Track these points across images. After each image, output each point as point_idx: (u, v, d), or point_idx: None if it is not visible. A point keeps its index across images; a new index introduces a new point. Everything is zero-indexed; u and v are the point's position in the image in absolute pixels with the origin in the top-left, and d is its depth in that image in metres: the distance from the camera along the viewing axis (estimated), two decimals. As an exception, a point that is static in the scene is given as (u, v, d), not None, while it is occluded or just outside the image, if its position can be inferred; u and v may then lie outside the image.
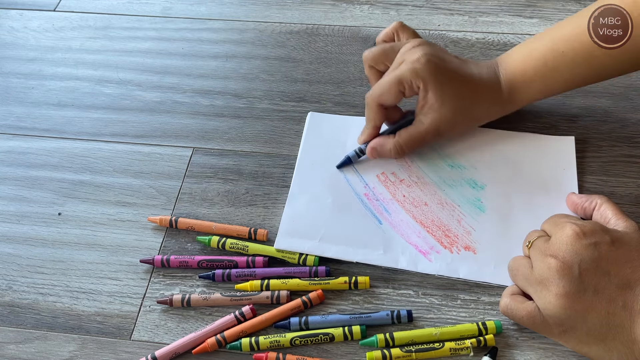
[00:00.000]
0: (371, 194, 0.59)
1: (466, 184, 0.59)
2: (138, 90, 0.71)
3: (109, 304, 0.54)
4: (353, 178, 0.60)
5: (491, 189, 0.59)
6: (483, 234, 0.56)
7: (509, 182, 0.59)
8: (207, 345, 0.51)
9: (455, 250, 0.55)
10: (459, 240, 0.56)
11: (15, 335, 0.53)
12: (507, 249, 0.54)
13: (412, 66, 0.56)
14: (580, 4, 0.76)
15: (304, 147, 0.63)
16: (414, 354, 0.49)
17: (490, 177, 0.60)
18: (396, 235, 0.56)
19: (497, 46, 0.72)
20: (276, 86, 0.70)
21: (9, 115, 0.69)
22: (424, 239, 0.56)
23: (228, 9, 0.79)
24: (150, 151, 0.65)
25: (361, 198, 0.59)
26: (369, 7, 0.78)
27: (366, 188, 0.59)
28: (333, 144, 0.63)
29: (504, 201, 0.58)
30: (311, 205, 0.58)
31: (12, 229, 0.59)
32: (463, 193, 0.59)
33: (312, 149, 0.63)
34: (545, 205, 0.57)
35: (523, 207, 0.57)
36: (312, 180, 0.60)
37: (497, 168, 0.60)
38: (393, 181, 0.60)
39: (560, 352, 0.50)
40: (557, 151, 0.61)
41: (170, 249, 0.57)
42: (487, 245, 0.55)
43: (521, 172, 0.60)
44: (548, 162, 0.60)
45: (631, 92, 0.67)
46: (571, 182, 0.59)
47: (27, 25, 0.79)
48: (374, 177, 0.60)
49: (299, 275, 0.54)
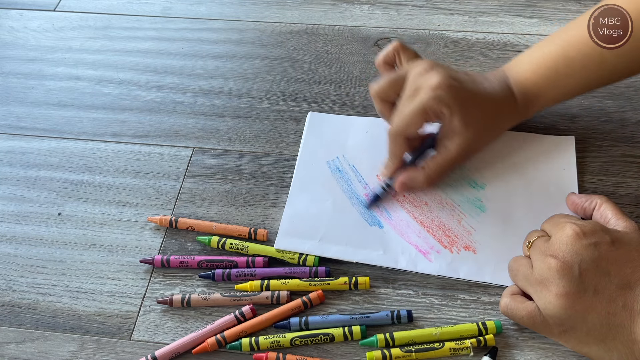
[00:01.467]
0: (371, 195, 0.59)
1: (466, 184, 0.59)
2: (138, 90, 0.71)
3: (109, 304, 0.54)
4: (353, 179, 0.60)
5: (491, 189, 0.59)
6: (483, 234, 0.56)
7: (509, 182, 0.59)
8: (207, 345, 0.51)
9: (455, 250, 0.55)
10: (459, 240, 0.56)
11: (15, 335, 0.53)
12: (507, 249, 0.54)
13: (434, 94, 0.53)
14: (580, 3, 0.76)
15: (304, 147, 0.63)
16: (414, 354, 0.49)
17: (490, 177, 0.60)
18: (396, 235, 0.56)
19: (497, 46, 0.72)
20: (276, 86, 0.70)
21: (9, 115, 0.69)
22: (424, 239, 0.56)
23: (228, 9, 0.79)
24: (150, 151, 0.65)
25: (361, 200, 0.59)
26: (369, 7, 0.78)
27: (366, 188, 0.59)
28: (333, 144, 0.63)
29: (504, 201, 0.58)
30: (311, 205, 0.58)
31: (12, 229, 0.59)
32: (463, 193, 0.59)
33: (312, 148, 0.63)
34: (545, 205, 0.57)
35: (523, 206, 0.57)
36: (312, 181, 0.60)
37: (497, 168, 0.60)
38: None
39: (560, 352, 0.50)
40: (557, 151, 0.61)
41: (170, 249, 0.57)
42: (487, 245, 0.55)
43: (521, 172, 0.60)
44: (548, 162, 0.60)
45: (631, 92, 0.67)
46: (571, 181, 0.59)
47: (27, 25, 0.79)
48: (374, 178, 0.60)
49: (299, 275, 0.54)
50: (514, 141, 0.62)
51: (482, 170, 0.60)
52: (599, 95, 0.67)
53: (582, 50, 0.56)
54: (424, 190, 0.59)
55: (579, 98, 0.66)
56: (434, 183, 0.58)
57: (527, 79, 0.58)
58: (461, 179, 0.60)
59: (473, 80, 0.57)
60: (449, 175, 0.59)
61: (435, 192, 0.59)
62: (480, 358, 0.49)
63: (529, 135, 0.62)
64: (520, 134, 0.62)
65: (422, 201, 0.58)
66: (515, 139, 0.62)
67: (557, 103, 0.61)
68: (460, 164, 0.59)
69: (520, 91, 0.58)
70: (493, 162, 0.61)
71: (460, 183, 0.59)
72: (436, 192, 0.59)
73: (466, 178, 0.60)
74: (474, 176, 0.60)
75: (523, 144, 0.62)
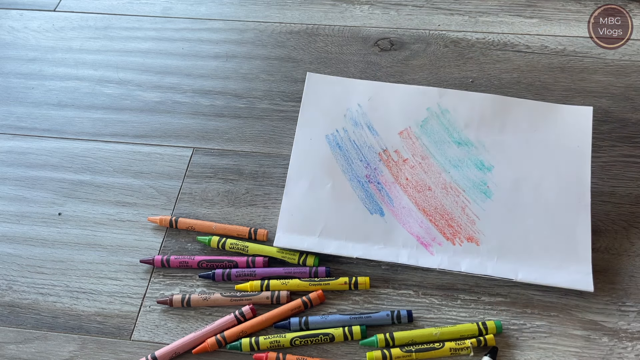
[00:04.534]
0: (372, 176, 0.57)
1: (473, 165, 0.57)
2: (138, 90, 0.71)
3: (109, 304, 0.54)
4: (353, 157, 0.58)
5: (499, 171, 0.56)
6: (487, 224, 0.55)
7: (518, 164, 0.56)
8: (207, 345, 0.51)
9: (458, 241, 0.54)
10: (462, 230, 0.55)
11: (15, 335, 0.53)
12: (511, 240, 0.53)
13: None
14: (580, 3, 0.76)
15: (302, 113, 0.60)
16: (414, 353, 0.49)
17: (498, 158, 0.57)
18: (398, 224, 0.55)
19: (497, 46, 0.72)
20: (276, 86, 0.70)
21: (9, 115, 0.69)
22: (426, 230, 0.55)
23: (228, 9, 0.79)
24: (150, 151, 0.65)
25: (362, 182, 0.57)
26: (369, 7, 0.78)
27: (367, 169, 0.57)
28: (333, 112, 0.60)
29: (511, 185, 0.56)
30: (310, 192, 0.57)
31: (12, 229, 0.59)
32: (469, 175, 0.57)
33: (311, 117, 0.60)
34: (554, 190, 0.55)
35: (531, 192, 0.55)
36: (311, 160, 0.58)
37: (506, 146, 0.57)
38: (396, 161, 0.58)
39: (560, 352, 0.50)
40: (572, 123, 0.57)
41: (170, 249, 0.57)
42: (491, 236, 0.54)
43: (531, 151, 0.57)
44: (562, 137, 0.57)
45: (631, 92, 0.67)
46: (584, 162, 0.56)
47: (27, 26, 0.79)
48: (376, 156, 0.58)
49: (299, 275, 0.54)
50: (528, 109, 0.58)
51: (491, 149, 0.57)
52: (599, 95, 0.67)
53: None
54: None
55: (579, 98, 0.66)
56: None
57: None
58: (467, 158, 0.57)
59: None
60: (453, 151, 0.55)
61: (439, 174, 0.57)
62: (480, 358, 0.49)
63: (545, 104, 0.59)
64: (536, 102, 0.59)
65: (426, 185, 0.56)
66: (530, 109, 0.58)
67: None
68: None
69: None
70: (503, 138, 0.57)
71: (466, 164, 0.57)
72: (440, 175, 0.57)
73: (473, 158, 0.57)
74: (481, 156, 0.57)
75: (537, 113, 0.58)
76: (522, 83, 0.68)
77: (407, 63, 0.71)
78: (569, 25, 0.74)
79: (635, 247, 0.55)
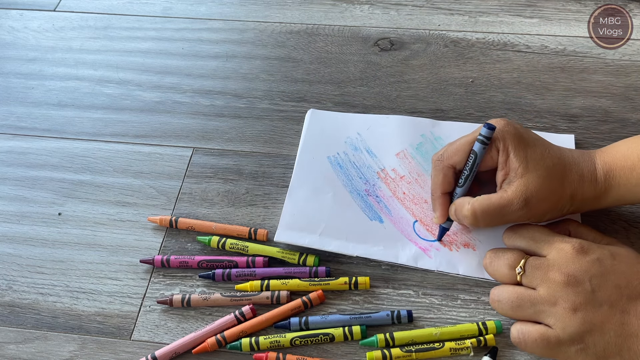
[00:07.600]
0: (371, 190, 0.59)
1: None
2: (138, 90, 0.71)
3: (109, 304, 0.54)
4: (353, 175, 0.60)
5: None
6: (482, 231, 0.56)
7: None
8: (207, 345, 0.51)
9: (455, 247, 0.55)
10: (458, 237, 0.56)
11: (15, 335, 0.53)
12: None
13: (500, 127, 0.51)
14: (581, 3, 0.76)
15: (304, 143, 0.63)
16: (414, 354, 0.49)
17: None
18: (397, 231, 0.56)
19: (497, 46, 0.72)
20: (276, 86, 0.70)
21: (9, 115, 0.69)
22: (424, 237, 0.56)
23: (228, 9, 0.79)
24: (150, 151, 0.65)
25: (361, 194, 0.59)
26: (369, 7, 0.78)
27: (367, 184, 0.60)
28: (334, 140, 0.63)
29: None
30: (312, 198, 0.58)
31: (12, 229, 0.59)
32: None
33: (312, 144, 0.63)
34: None
35: None
36: (313, 174, 0.60)
37: None
38: (393, 178, 0.60)
39: (560, 352, 0.49)
40: None
41: (170, 249, 0.57)
42: (486, 242, 0.55)
43: None
44: None
45: (631, 92, 0.67)
46: None
47: (27, 25, 0.79)
48: (374, 174, 0.60)
49: (299, 275, 0.54)
50: None
51: None
52: (598, 95, 0.67)
53: None
54: (470, 227, 0.55)
55: (579, 98, 0.66)
56: (478, 223, 0.52)
57: (617, 151, 0.52)
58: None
59: (546, 140, 0.53)
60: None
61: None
62: (480, 358, 0.49)
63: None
64: None
65: (422, 199, 0.58)
66: None
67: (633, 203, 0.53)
68: (516, 216, 0.50)
69: (605, 161, 0.52)
70: None
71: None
72: None
73: None
74: None
75: None
76: (522, 83, 0.68)
77: (407, 63, 0.71)
78: (569, 25, 0.74)
79: (635, 247, 0.55)
